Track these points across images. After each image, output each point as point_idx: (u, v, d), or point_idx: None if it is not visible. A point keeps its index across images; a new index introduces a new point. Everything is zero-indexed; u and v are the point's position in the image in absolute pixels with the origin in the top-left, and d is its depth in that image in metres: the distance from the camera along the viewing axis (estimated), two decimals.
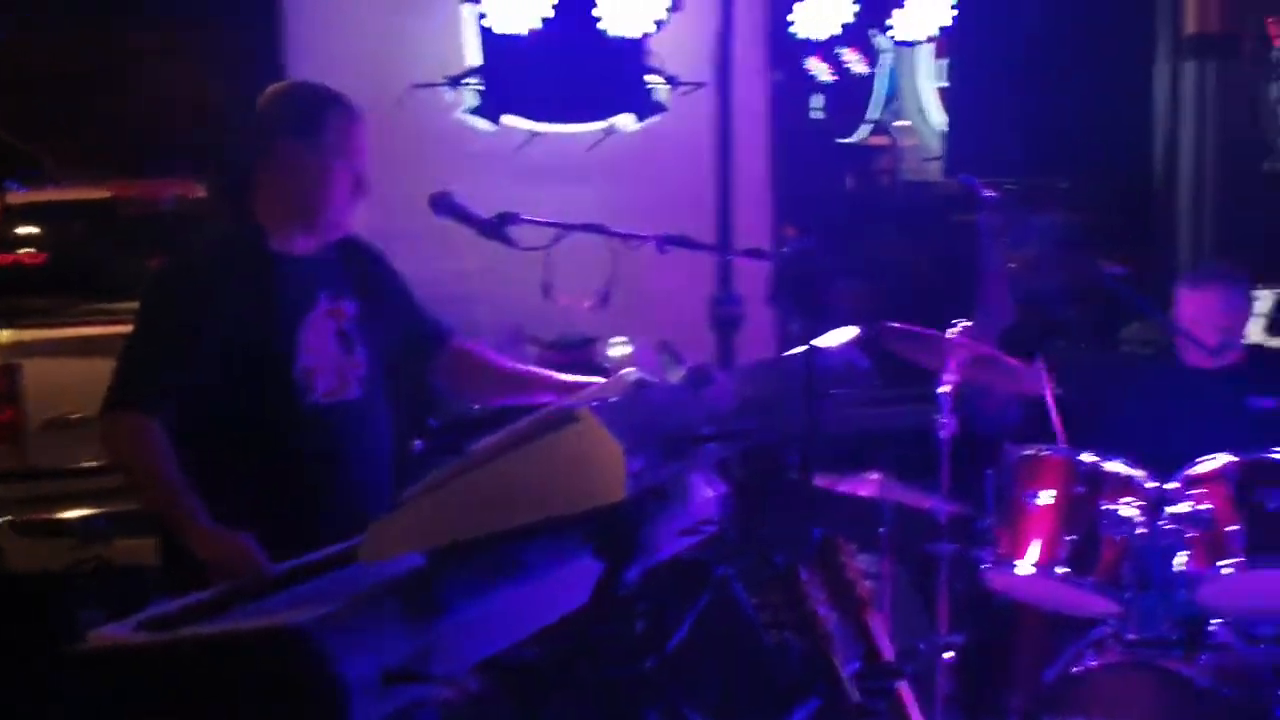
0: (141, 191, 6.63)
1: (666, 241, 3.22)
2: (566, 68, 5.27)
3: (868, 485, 4.69)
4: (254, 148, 3.27)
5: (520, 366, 3.60)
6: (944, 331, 4.53)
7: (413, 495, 2.31)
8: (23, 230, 6.30)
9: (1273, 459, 4.05)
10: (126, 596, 2.62)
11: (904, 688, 3.13)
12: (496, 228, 3.33)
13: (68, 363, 5.15)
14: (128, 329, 3.17)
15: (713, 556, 3.06)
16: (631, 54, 5.35)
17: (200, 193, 6.23)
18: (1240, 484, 4.02)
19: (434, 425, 4.50)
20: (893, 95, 9.02)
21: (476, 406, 4.21)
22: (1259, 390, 4.66)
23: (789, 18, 5.20)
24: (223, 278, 3.14)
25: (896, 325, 4.40)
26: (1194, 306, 4.71)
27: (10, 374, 5.08)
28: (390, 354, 3.43)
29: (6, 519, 4.94)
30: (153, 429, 3.00)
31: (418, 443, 4.28)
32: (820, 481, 4.46)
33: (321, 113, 3.24)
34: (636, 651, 3.01)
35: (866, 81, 8.61)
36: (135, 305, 3.21)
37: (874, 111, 8.99)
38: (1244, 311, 4.82)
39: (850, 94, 8.69)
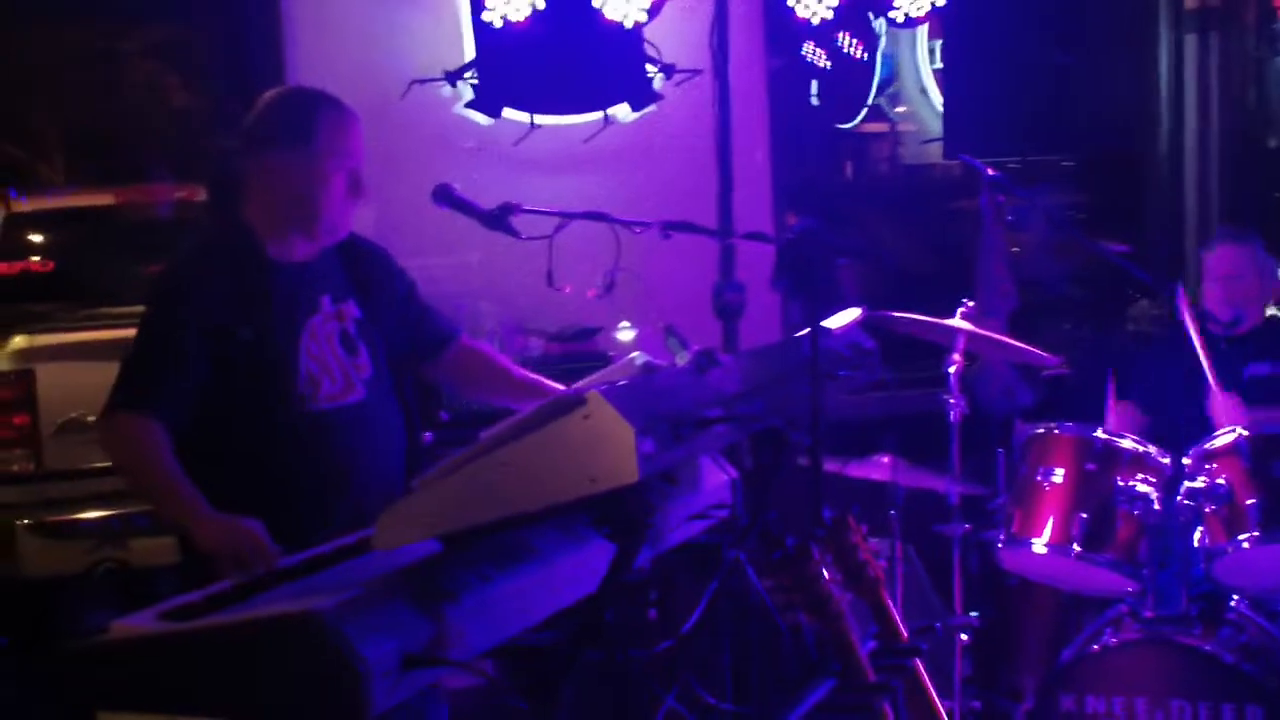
0: (145, 197, 6.66)
1: (668, 227, 3.21)
2: (562, 59, 5.26)
3: (878, 469, 4.68)
4: (247, 156, 3.26)
5: (525, 373, 3.59)
6: (949, 313, 4.53)
7: (425, 482, 2.30)
8: (30, 238, 6.34)
9: None
10: (143, 597, 2.61)
11: (920, 666, 3.10)
12: (499, 218, 3.32)
13: (79, 367, 5.16)
14: (133, 333, 3.17)
15: (724, 540, 3.06)
16: (627, 43, 5.33)
17: (201, 196, 6.25)
18: (1255, 457, 4.01)
19: (445, 418, 4.50)
20: (890, 79, 8.99)
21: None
22: (1257, 357, 4.66)
23: (788, 1, 5.17)
24: (221, 286, 3.13)
25: (898, 315, 4.38)
26: (1225, 263, 4.70)
27: (24, 379, 5.11)
28: (396, 353, 3.42)
29: (24, 522, 4.97)
30: (152, 428, 2.99)
31: (428, 435, 4.27)
32: (831, 466, 4.47)
33: (313, 119, 3.21)
34: (650, 635, 3.01)
35: (864, 67, 8.57)
36: (141, 309, 3.21)
37: (872, 97, 8.95)
38: (1268, 275, 4.82)
39: (848, 80, 8.65)
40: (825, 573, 2.84)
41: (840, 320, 3.30)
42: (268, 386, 3.13)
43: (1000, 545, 4.25)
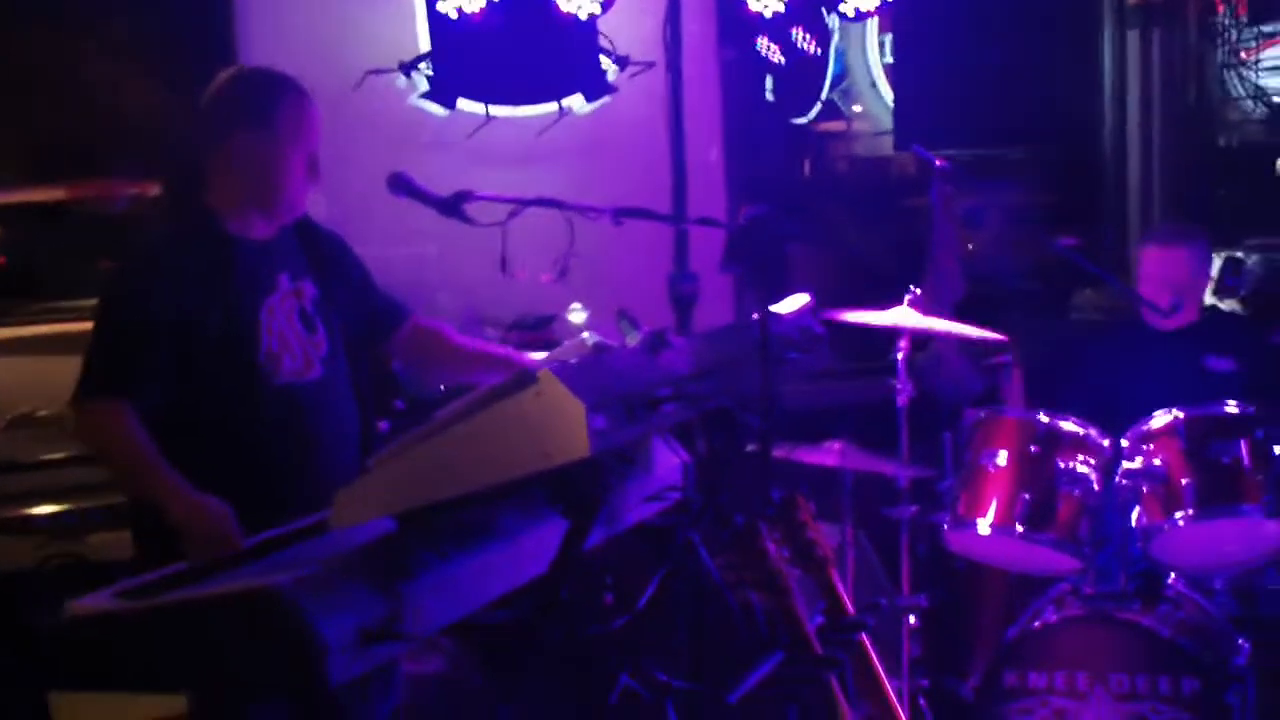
0: (96, 192, 6.64)
1: (621, 213, 3.27)
2: (517, 50, 5.31)
3: (828, 454, 4.76)
4: (207, 136, 3.30)
5: (481, 344, 3.66)
6: (899, 301, 4.61)
7: (380, 461, 2.35)
8: None
9: (1220, 413, 4.15)
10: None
11: (867, 641, 3.18)
12: (453, 206, 3.36)
13: (30, 361, 5.17)
14: (87, 326, 3.20)
15: (678, 522, 3.12)
16: (581, 35, 5.39)
17: (155, 191, 6.24)
18: (1190, 438, 4.11)
19: (400, 406, 4.54)
20: (842, 75, 9.09)
21: (442, 387, 4.26)
22: (1215, 350, 4.76)
23: None
24: (185, 264, 3.17)
25: (843, 313, 4.45)
26: (1158, 264, 4.80)
27: None
28: (351, 334, 3.47)
29: None
30: (125, 411, 3.03)
31: (384, 424, 4.32)
32: (780, 451, 4.54)
33: (273, 98, 3.28)
34: (606, 618, 3.07)
35: (818, 62, 8.65)
36: (93, 303, 3.23)
37: (826, 91, 9.04)
38: (1203, 272, 4.92)
39: (802, 75, 8.72)
40: (773, 550, 2.91)
41: (790, 305, 3.38)
42: (230, 362, 3.17)
43: (946, 527, 4.33)
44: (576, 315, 5.10)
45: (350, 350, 3.46)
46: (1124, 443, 4.20)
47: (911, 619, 4.61)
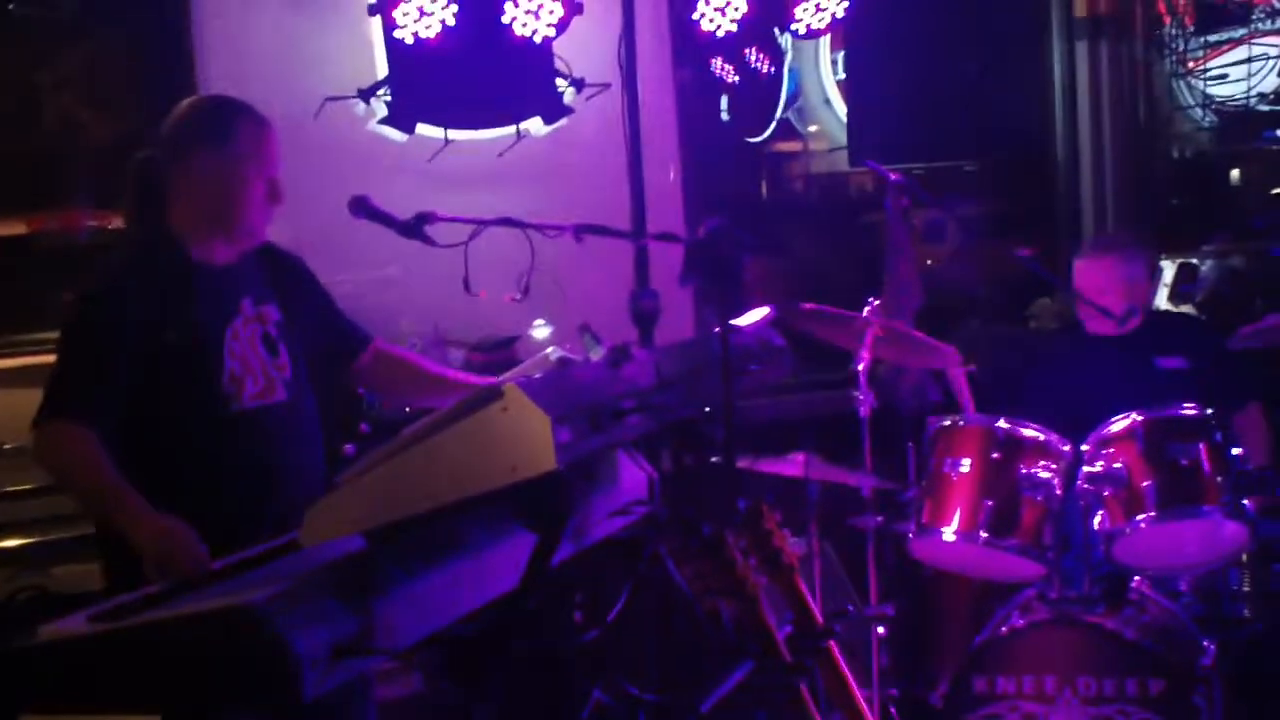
0: (57, 224, 6.63)
1: (582, 230, 3.31)
2: (474, 74, 5.33)
3: (792, 465, 4.80)
4: (167, 162, 3.33)
5: (442, 369, 3.69)
6: (857, 311, 4.66)
7: (348, 478, 2.37)
8: None
9: (1177, 414, 4.20)
10: None
11: (835, 648, 3.21)
12: (415, 228, 3.39)
13: None
14: (51, 359, 3.20)
15: (644, 535, 3.15)
16: (537, 58, 5.43)
17: (116, 223, 6.23)
18: (1149, 441, 4.16)
19: (366, 429, 4.55)
20: (796, 94, 9.16)
21: (407, 409, 4.28)
22: (1163, 351, 4.83)
23: (693, 15, 5.28)
24: (146, 289, 3.19)
25: (809, 306, 4.50)
26: (1089, 276, 4.88)
27: None
28: (314, 357, 3.50)
29: None
30: (87, 434, 3.04)
31: (349, 447, 4.33)
32: (743, 462, 4.57)
33: (233, 122, 3.31)
34: (575, 629, 3.09)
35: (772, 81, 8.72)
36: (56, 335, 3.24)
37: (780, 110, 9.12)
38: (1142, 279, 4.98)
39: (757, 94, 8.79)
40: (741, 558, 2.94)
41: (751, 318, 3.42)
42: (193, 386, 3.19)
43: (911, 535, 4.37)
44: (540, 331, 5.13)
45: (314, 374, 3.49)
46: (1084, 447, 4.24)
47: (880, 629, 4.65)
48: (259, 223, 3.36)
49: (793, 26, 5.55)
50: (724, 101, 8.53)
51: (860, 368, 4.58)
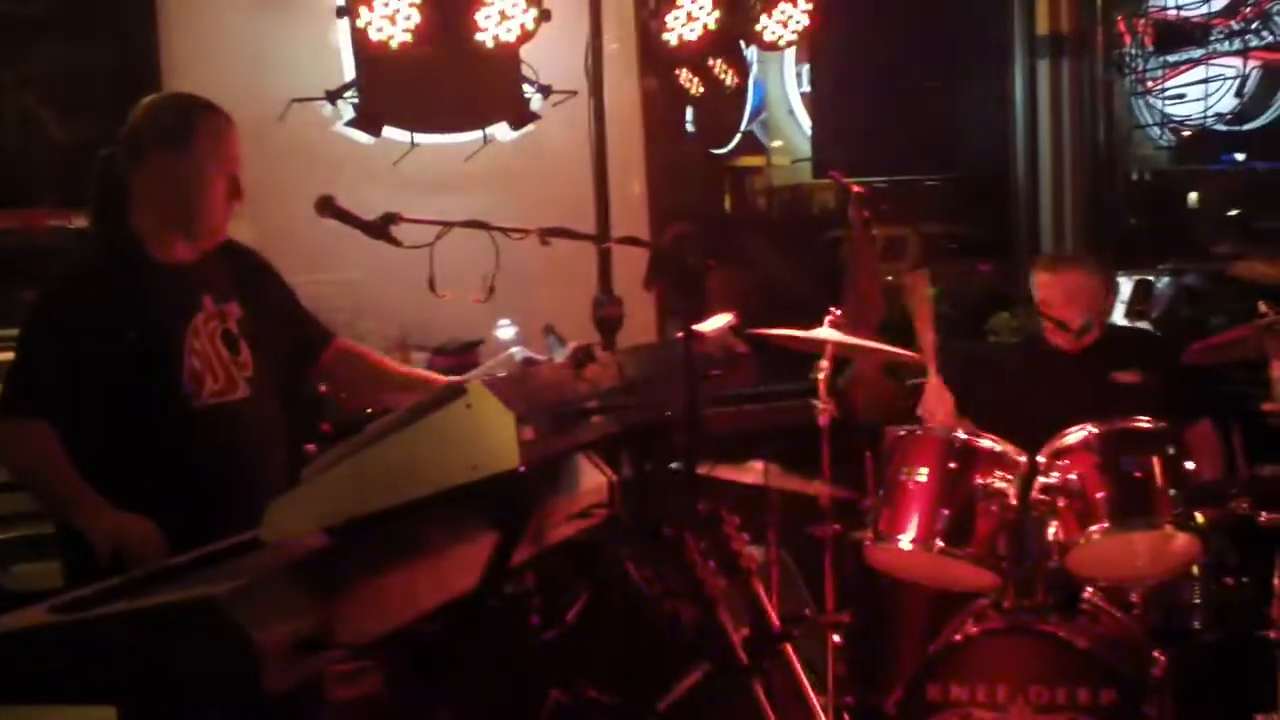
0: (17, 223, 6.59)
1: (547, 233, 3.33)
2: (441, 78, 5.34)
3: (750, 473, 4.83)
4: (128, 159, 3.33)
5: (404, 368, 3.71)
6: (819, 321, 4.70)
7: (311, 473, 2.39)
8: None
9: (1130, 426, 4.26)
10: None
11: (791, 651, 3.24)
12: (381, 228, 3.41)
13: None
14: (9, 356, 3.21)
15: (604, 537, 3.18)
16: (504, 64, 5.44)
17: (78, 222, 6.20)
18: (1103, 452, 4.21)
19: (327, 429, 4.55)
20: (761, 105, 9.22)
21: (369, 409, 4.27)
22: (1119, 365, 4.89)
23: (660, 25, 5.31)
24: (104, 286, 3.20)
25: (764, 330, 4.53)
26: (1050, 288, 4.95)
27: None
28: (276, 355, 3.50)
29: None
30: (45, 432, 3.04)
31: (312, 447, 4.33)
32: (704, 469, 4.59)
33: (192, 121, 3.32)
34: (533, 631, 3.11)
35: (737, 93, 8.77)
36: (15, 333, 3.25)
37: (745, 122, 9.18)
38: (1101, 294, 5.04)
39: (722, 106, 8.84)
40: (700, 561, 2.97)
41: (713, 324, 3.45)
42: (153, 384, 3.20)
43: (868, 544, 4.40)
44: (504, 331, 5.15)
45: (276, 372, 3.49)
46: (1040, 458, 4.29)
47: (836, 636, 4.68)
48: (220, 221, 3.38)
49: (759, 37, 5.57)
50: (689, 112, 8.57)
51: (820, 377, 4.62)
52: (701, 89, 6.50)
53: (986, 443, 4.31)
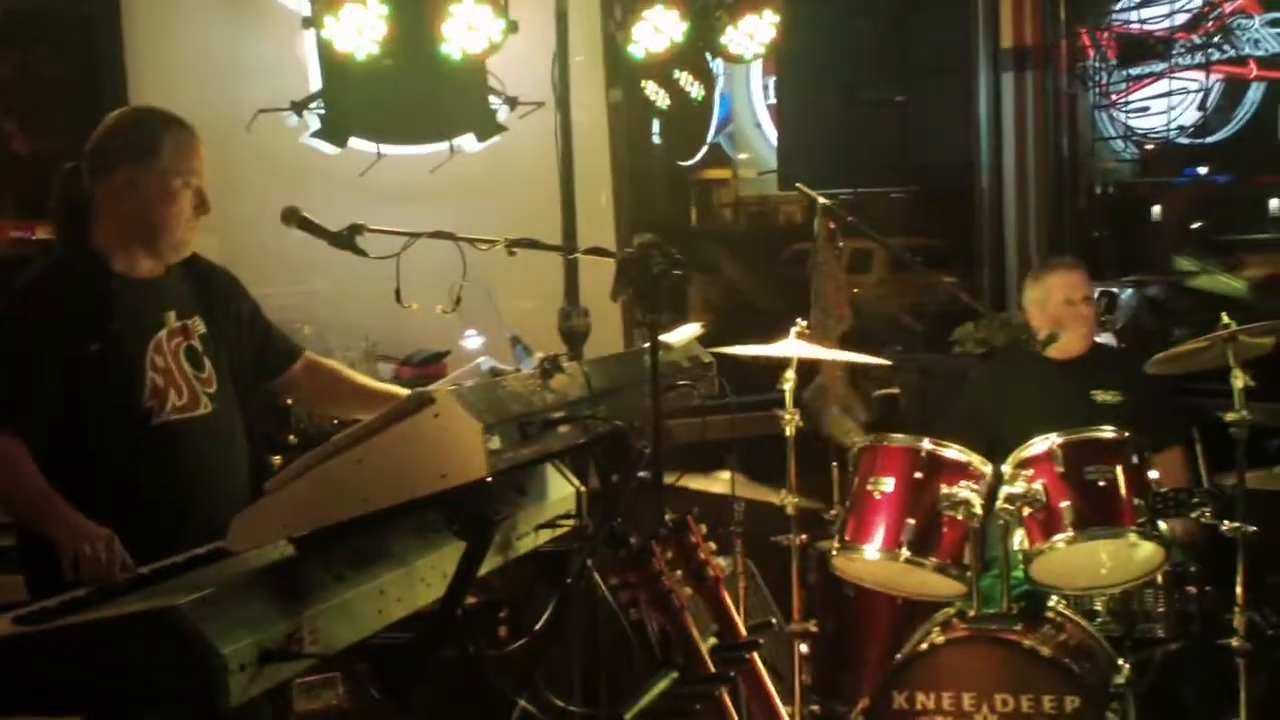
0: None
1: (514, 243, 3.34)
2: (407, 89, 5.35)
3: (717, 483, 4.84)
4: (93, 173, 3.31)
5: (371, 382, 3.70)
6: (785, 333, 4.72)
7: (276, 484, 2.38)
8: None
9: (1093, 436, 4.29)
10: None
11: (757, 660, 3.25)
12: (347, 239, 3.41)
13: None
14: None
15: (573, 548, 3.17)
16: (470, 75, 5.44)
17: (41, 234, 6.16)
18: (1067, 462, 4.24)
19: (292, 441, 4.54)
20: (727, 118, 9.26)
21: (335, 421, 4.27)
22: (1101, 385, 4.93)
23: (625, 37, 5.33)
24: (66, 301, 3.18)
25: (728, 350, 4.54)
26: (1069, 282, 5.01)
27: None
28: (241, 370, 3.49)
29: None
30: (11, 442, 3.03)
31: (276, 460, 4.32)
32: (671, 479, 4.60)
33: (158, 134, 3.30)
34: (500, 641, 3.11)
35: (703, 105, 8.81)
36: None
37: (711, 134, 9.21)
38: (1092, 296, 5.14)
39: (688, 118, 8.88)
40: (666, 570, 2.98)
41: (680, 335, 3.46)
42: (115, 400, 3.18)
43: (834, 553, 4.42)
44: (471, 341, 5.15)
45: (241, 386, 3.48)
46: (1005, 468, 4.32)
47: (802, 645, 4.70)
48: (185, 235, 3.35)
49: (725, 50, 5.59)
50: (656, 125, 8.60)
51: (787, 388, 4.64)
52: (668, 101, 6.55)
53: (951, 453, 4.34)
